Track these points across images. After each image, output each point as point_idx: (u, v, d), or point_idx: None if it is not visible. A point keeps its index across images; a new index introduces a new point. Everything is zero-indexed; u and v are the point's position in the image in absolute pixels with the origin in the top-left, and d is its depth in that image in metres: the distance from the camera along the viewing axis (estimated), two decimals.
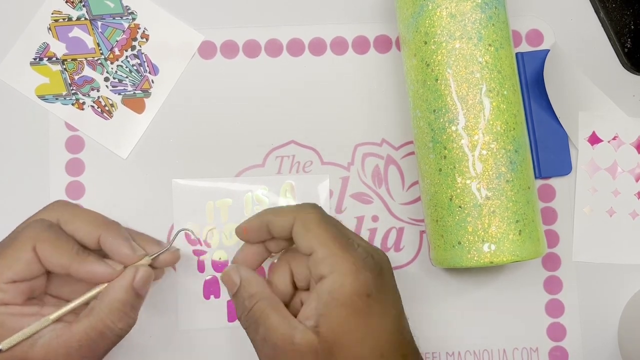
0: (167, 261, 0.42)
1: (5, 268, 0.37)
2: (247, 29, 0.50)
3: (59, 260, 0.37)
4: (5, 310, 0.36)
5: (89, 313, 0.37)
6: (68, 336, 0.36)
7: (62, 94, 0.49)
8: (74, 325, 0.37)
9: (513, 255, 0.41)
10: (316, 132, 0.50)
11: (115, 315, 0.37)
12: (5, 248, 0.37)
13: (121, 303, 0.38)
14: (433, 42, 0.43)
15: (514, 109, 0.43)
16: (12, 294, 0.37)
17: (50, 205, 0.41)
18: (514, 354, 0.49)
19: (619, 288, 0.49)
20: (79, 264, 0.38)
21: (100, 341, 0.37)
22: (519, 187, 0.42)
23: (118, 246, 0.39)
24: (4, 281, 0.36)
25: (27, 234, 0.38)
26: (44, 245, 0.37)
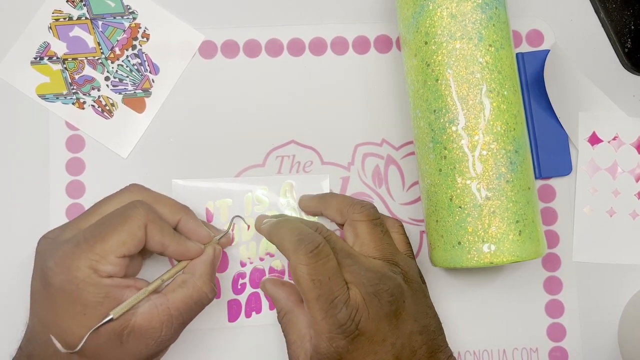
0: (224, 243, 0.47)
1: (120, 243, 0.39)
2: (248, 29, 0.50)
3: (162, 239, 0.41)
4: (111, 282, 0.39)
5: (182, 284, 0.41)
6: (166, 305, 0.40)
7: (62, 93, 0.49)
8: (170, 294, 0.40)
9: (513, 256, 0.41)
10: (316, 132, 0.50)
11: (207, 286, 0.42)
12: (119, 225, 0.39)
13: (209, 275, 0.42)
14: (433, 42, 0.43)
15: (514, 109, 0.43)
16: (120, 268, 0.39)
17: (129, 188, 0.43)
18: (513, 354, 0.49)
19: (619, 288, 0.49)
20: (177, 243, 0.42)
21: (195, 308, 0.41)
22: (519, 188, 0.42)
23: (198, 228, 0.44)
24: (117, 255, 0.39)
25: (140, 213, 0.40)
26: (153, 225, 0.40)
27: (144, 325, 0.39)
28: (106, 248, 0.38)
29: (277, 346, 0.48)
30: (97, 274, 0.38)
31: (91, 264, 0.38)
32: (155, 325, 0.39)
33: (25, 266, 0.48)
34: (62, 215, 0.48)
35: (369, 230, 0.43)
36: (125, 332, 0.38)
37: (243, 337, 0.48)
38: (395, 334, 0.40)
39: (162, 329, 0.39)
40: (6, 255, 0.48)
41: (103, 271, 0.38)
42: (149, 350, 0.39)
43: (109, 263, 0.39)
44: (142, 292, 0.40)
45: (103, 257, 0.38)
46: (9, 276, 0.48)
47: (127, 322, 0.38)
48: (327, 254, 0.40)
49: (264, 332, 0.48)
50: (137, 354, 0.39)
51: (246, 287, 0.48)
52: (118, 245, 0.39)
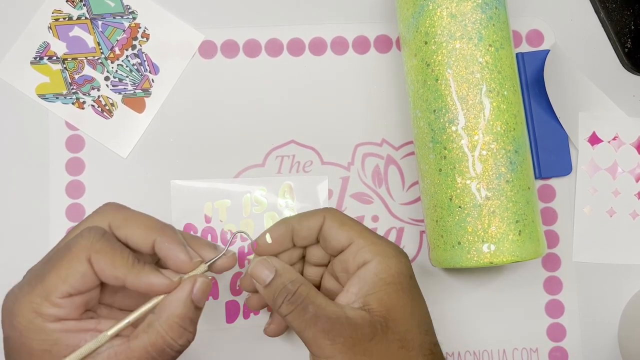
0: (224, 266, 0.40)
1: (60, 281, 0.34)
2: (248, 29, 0.50)
3: (114, 272, 0.35)
4: (61, 326, 0.34)
5: (147, 329, 0.35)
6: (127, 354, 0.35)
7: (62, 93, 0.49)
8: (133, 342, 0.35)
9: (513, 256, 0.41)
10: (316, 131, 0.50)
11: (175, 332, 0.36)
12: (59, 260, 0.35)
13: (180, 318, 0.36)
14: (433, 42, 0.43)
15: (514, 109, 0.43)
16: (68, 309, 0.35)
17: (101, 208, 0.39)
18: (513, 354, 0.49)
19: (619, 288, 0.49)
20: (135, 276, 0.36)
21: (160, 358, 0.35)
22: (519, 188, 0.42)
23: (174, 252, 0.37)
24: (59, 296, 0.34)
25: (81, 244, 0.35)
26: (99, 256, 0.35)
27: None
28: (46, 288, 0.34)
29: (276, 347, 0.48)
30: (41, 318, 0.34)
31: (33, 307, 0.34)
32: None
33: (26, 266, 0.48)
34: (62, 215, 0.48)
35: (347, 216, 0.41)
36: None
37: (241, 338, 0.48)
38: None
39: None
40: (6, 256, 0.48)
41: (48, 314, 0.34)
42: None
43: (52, 305, 0.34)
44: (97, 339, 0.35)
45: (44, 298, 0.34)
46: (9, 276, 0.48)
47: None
48: None
49: (262, 334, 0.48)
50: None
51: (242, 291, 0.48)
52: (58, 284, 0.34)
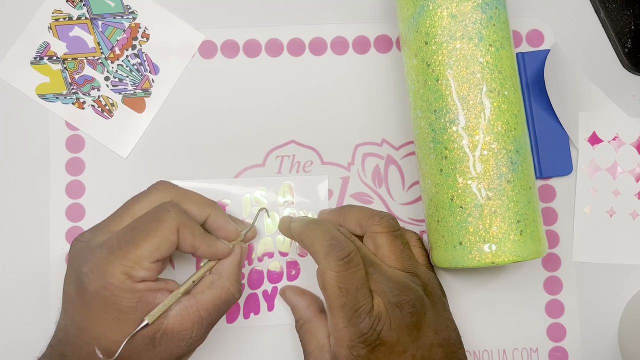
0: (250, 237, 0.47)
1: (153, 249, 0.39)
2: (248, 29, 0.50)
3: (193, 242, 0.41)
4: (145, 286, 0.39)
5: (210, 285, 0.42)
6: (197, 307, 0.40)
7: (62, 93, 0.49)
8: (199, 296, 0.41)
9: (514, 256, 0.41)
10: (316, 132, 0.50)
11: (234, 286, 0.42)
12: (152, 230, 0.39)
13: (237, 275, 0.43)
14: (434, 43, 0.43)
15: (514, 109, 0.43)
16: (153, 272, 0.39)
17: (159, 185, 0.43)
18: (513, 354, 0.49)
19: (619, 288, 0.49)
20: (207, 245, 0.42)
21: (223, 308, 0.42)
22: (520, 188, 0.42)
23: (227, 225, 0.44)
24: (151, 261, 0.39)
25: (172, 217, 0.40)
26: (185, 228, 0.40)
27: (175, 328, 0.39)
28: (140, 254, 0.38)
29: (275, 347, 0.48)
30: (131, 280, 0.38)
31: (125, 270, 0.38)
32: (186, 327, 0.39)
33: (26, 266, 0.48)
34: (62, 215, 0.48)
35: (389, 242, 0.43)
36: (158, 336, 0.39)
37: (241, 338, 0.48)
38: (415, 345, 0.40)
39: (193, 331, 0.40)
40: (6, 255, 0.48)
41: (137, 276, 0.39)
42: (180, 351, 0.40)
43: (142, 268, 0.39)
44: (173, 295, 0.40)
45: (137, 263, 0.38)
46: (9, 276, 0.48)
47: (159, 326, 0.39)
48: (357, 263, 0.40)
49: (262, 334, 0.48)
50: (169, 356, 0.40)
51: (244, 288, 0.48)
52: (152, 251, 0.39)
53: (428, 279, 0.43)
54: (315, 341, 0.42)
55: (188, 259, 0.48)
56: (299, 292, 0.46)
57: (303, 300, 0.45)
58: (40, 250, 0.48)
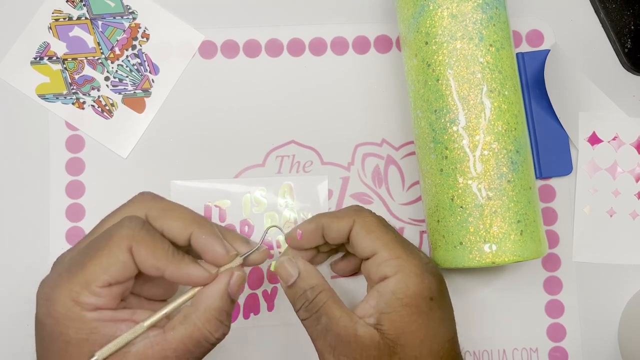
0: (257, 260, 0.40)
1: (101, 271, 0.34)
2: (248, 29, 0.50)
3: (155, 262, 0.35)
4: (99, 315, 0.34)
5: (183, 320, 0.36)
6: (163, 345, 0.35)
7: (62, 93, 0.49)
8: (169, 333, 0.35)
9: (515, 256, 0.41)
10: (316, 132, 0.50)
11: (212, 325, 0.36)
12: (100, 249, 0.35)
13: (217, 311, 0.36)
14: (434, 43, 0.43)
15: (515, 109, 0.43)
16: (106, 299, 0.35)
17: (137, 198, 0.39)
18: (513, 354, 0.49)
19: (619, 288, 0.49)
20: (176, 267, 0.36)
21: (196, 350, 0.36)
22: (520, 187, 0.42)
23: (212, 245, 0.37)
24: (99, 285, 0.34)
25: (123, 233, 0.35)
26: (140, 246, 0.35)
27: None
28: (87, 277, 0.34)
29: (276, 347, 0.48)
30: (80, 307, 0.34)
31: (72, 296, 0.34)
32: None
33: (26, 266, 0.48)
34: (62, 215, 0.48)
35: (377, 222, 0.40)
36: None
37: (241, 338, 0.48)
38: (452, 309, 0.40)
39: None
40: (6, 255, 0.48)
41: (86, 303, 0.34)
42: None
43: (91, 294, 0.34)
44: (134, 330, 0.35)
45: (84, 287, 0.34)
46: (9, 276, 0.48)
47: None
48: None
49: (262, 334, 0.48)
50: None
51: (244, 288, 0.48)
52: (99, 273, 0.34)
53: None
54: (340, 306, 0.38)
55: None
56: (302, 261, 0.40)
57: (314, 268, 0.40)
58: (40, 250, 0.48)
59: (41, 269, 0.47)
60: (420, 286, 0.37)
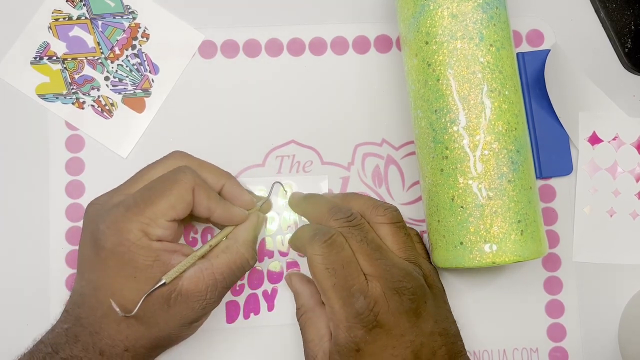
0: (265, 209, 0.48)
1: (169, 207, 0.40)
2: (248, 29, 0.50)
3: (209, 204, 0.42)
4: (161, 246, 0.40)
5: (226, 250, 0.42)
6: (211, 270, 0.41)
7: (62, 93, 0.49)
8: (214, 260, 0.41)
9: (515, 255, 0.41)
10: (316, 132, 0.50)
11: (249, 252, 0.43)
12: (168, 189, 0.40)
13: (252, 241, 0.43)
14: (434, 42, 0.43)
15: (515, 108, 0.43)
16: (169, 232, 0.40)
17: (175, 154, 0.44)
18: (513, 354, 0.49)
19: (619, 288, 0.49)
20: (223, 208, 0.43)
21: (237, 273, 0.42)
22: (520, 187, 0.42)
23: (241, 194, 0.45)
24: (167, 219, 0.40)
25: (188, 177, 0.41)
26: (200, 189, 0.41)
27: (190, 289, 0.40)
28: (156, 211, 0.39)
29: (275, 347, 0.48)
30: (147, 237, 0.39)
31: (142, 227, 0.39)
32: (201, 289, 0.40)
33: (26, 266, 0.48)
34: (62, 215, 0.48)
35: (392, 233, 0.43)
36: (173, 296, 0.39)
37: (241, 338, 0.48)
38: (414, 331, 0.40)
39: (207, 293, 0.40)
40: (6, 255, 0.48)
41: (153, 234, 0.39)
42: (195, 314, 0.40)
43: (159, 226, 0.39)
44: (191, 257, 0.40)
45: (153, 220, 0.39)
46: (9, 276, 0.48)
47: (175, 286, 0.39)
48: (340, 243, 0.41)
49: (262, 334, 0.48)
50: (183, 318, 0.40)
51: (245, 288, 0.48)
52: (168, 209, 0.40)
53: (429, 270, 0.44)
54: (315, 330, 0.42)
55: None
56: (305, 280, 0.46)
57: (308, 288, 0.45)
58: (40, 250, 0.48)
59: (41, 269, 0.48)
60: (347, 339, 0.39)
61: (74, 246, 0.48)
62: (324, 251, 0.40)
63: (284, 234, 0.49)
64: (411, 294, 0.40)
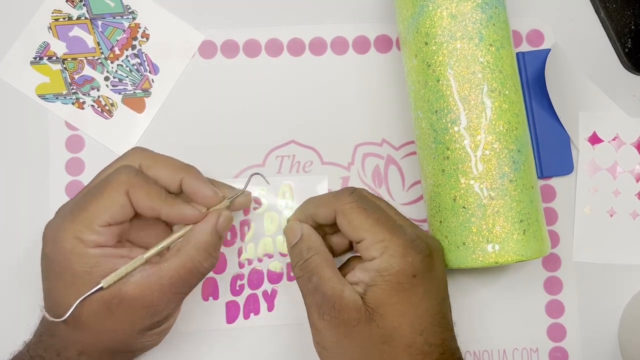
0: (242, 204, 0.45)
1: (101, 211, 0.38)
2: (248, 29, 0.50)
3: (150, 203, 0.39)
4: (100, 252, 0.38)
5: (176, 253, 0.40)
6: (159, 274, 0.39)
7: (62, 93, 0.49)
8: (163, 264, 0.39)
9: (518, 255, 0.41)
10: (316, 132, 0.50)
11: (202, 255, 0.40)
12: (99, 193, 0.39)
13: (207, 244, 0.40)
14: (434, 43, 0.43)
15: (515, 108, 0.43)
16: (107, 237, 0.39)
17: (130, 152, 0.42)
18: (514, 354, 0.49)
19: (619, 288, 0.49)
20: (170, 206, 0.40)
21: (189, 278, 0.40)
22: (522, 187, 0.42)
23: (201, 188, 0.41)
24: (100, 224, 0.38)
25: (120, 178, 0.39)
26: (136, 189, 0.39)
27: (134, 295, 0.38)
28: (88, 217, 0.38)
29: (276, 347, 0.48)
30: (83, 244, 0.38)
31: (75, 234, 0.38)
32: (146, 295, 0.38)
33: (26, 266, 0.48)
34: None
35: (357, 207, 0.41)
36: (115, 302, 0.38)
37: (241, 338, 0.48)
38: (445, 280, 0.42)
39: (154, 300, 0.39)
40: (6, 256, 0.48)
41: (88, 240, 0.38)
42: (143, 321, 0.39)
43: (92, 232, 0.38)
44: (134, 261, 0.39)
45: (86, 226, 0.38)
46: (9, 276, 0.48)
47: (116, 292, 0.38)
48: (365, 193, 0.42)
49: (262, 334, 0.48)
50: (130, 325, 0.39)
51: (244, 289, 0.48)
52: (100, 214, 0.38)
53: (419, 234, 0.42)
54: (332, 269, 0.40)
55: None
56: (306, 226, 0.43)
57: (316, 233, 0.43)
58: (40, 250, 0.48)
59: None
60: (403, 265, 0.38)
61: None
62: (355, 197, 0.40)
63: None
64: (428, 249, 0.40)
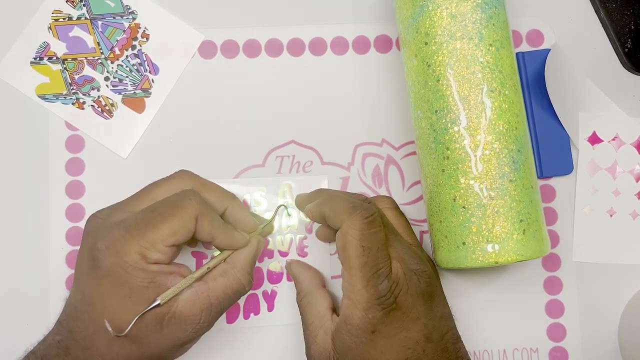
0: (267, 231, 0.48)
1: (170, 233, 0.40)
2: (248, 29, 0.50)
3: (211, 231, 0.42)
4: (158, 268, 0.40)
5: (223, 274, 0.42)
6: (207, 293, 0.41)
7: (62, 94, 0.49)
8: (211, 283, 0.41)
9: (518, 255, 0.41)
10: (316, 132, 0.50)
11: (245, 278, 0.43)
12: (171, 215, 0.40)
13: (250, 267, 0.43)
14: (434, 43, 0.43)
15: (515, 108, 0.43)
16: (167, 256, 0.40)
17: (180, 174, 0.44)
18: (514, 354, 0.49)
19: (619, 288, 0.49)
20: (225, 235, 0.43)
21: (233, 297, 0.42)
22: (522, 187, 0.42)
23: (245, 217, 0.44)
24: (167, 244, 0.40)
25: (193, 205, 0.41)
26: (204, 218, 0.41)
27: (185, 312, 0.40)
28: (157, 236, 0.39)
29: (276, 347, 0.48)
30: (144, 260, 0.39)
31: (140, 250, 0.39)
32: (195, 312, 0.40)
33: (26, 266, 0.48)
34: (62, 215, 0.48)
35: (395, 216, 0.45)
36: (167, 318, 0.39)
37: (241, 338, 0.48)
38: (428, 314, 0.40)
39: (202, 317, 0.40)
40: (6, 256, 0.48)
41: (151, 258, 0.39)
42: (187, 336, 0.40)
43: (157, 251, 0.39)
44: (187, 279, 0.41)
45: (153, 244, 0.39)
46: (9, 276, 0.48)
47: (169, 308, 0.39)
48: (379, 224, 0.41)
49: (262, 334, 0.48)
50: (175, 340, 0.40)
51: None
52: (168, 235, 0.40)
53: (427, 255, 0.45)
54: (315, 312, 0.43)
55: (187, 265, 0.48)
56: (305, 267, 0.47)
57: (307, 273, 0.46)
58: (40, 250, 0.48)
59: (41, 269, 0.48)
60: (362, 320, 0.39)
61: (74, 246, 0.48)
62: (364, 227, 0.40)
63: (284, 234, 0.49)
64: (427, 276, 0.41)
